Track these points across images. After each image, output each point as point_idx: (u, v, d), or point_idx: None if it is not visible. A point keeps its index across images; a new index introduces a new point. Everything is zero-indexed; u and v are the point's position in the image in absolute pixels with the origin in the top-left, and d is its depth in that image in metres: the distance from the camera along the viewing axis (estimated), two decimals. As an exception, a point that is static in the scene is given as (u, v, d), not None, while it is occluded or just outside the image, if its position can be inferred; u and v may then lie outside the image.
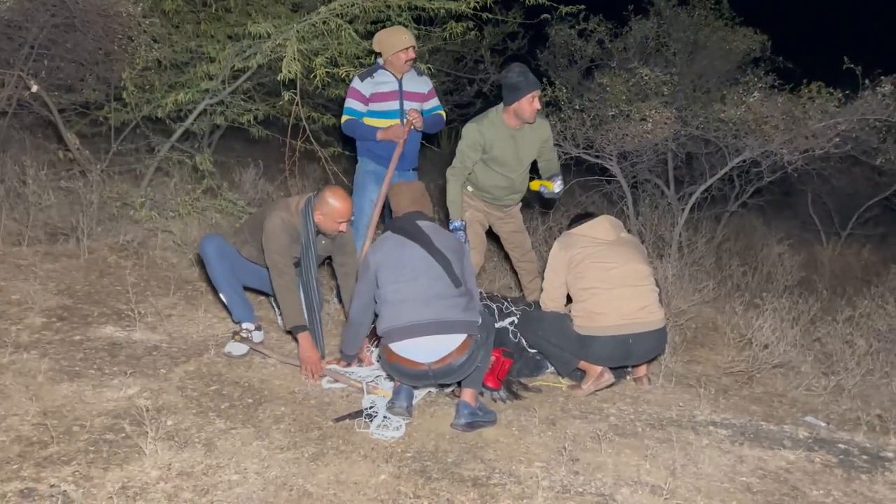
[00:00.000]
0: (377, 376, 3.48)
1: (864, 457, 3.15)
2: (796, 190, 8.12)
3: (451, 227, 4.04)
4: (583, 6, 5.90)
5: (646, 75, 5.69)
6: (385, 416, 3.06)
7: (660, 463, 2.91)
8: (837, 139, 5.27)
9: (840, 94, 5.15)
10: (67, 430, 2.72)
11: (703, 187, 6.06)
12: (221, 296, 3.74)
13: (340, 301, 4.16)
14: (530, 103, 3.99)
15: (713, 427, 3.32)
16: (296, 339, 3.57)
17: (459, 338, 3.01)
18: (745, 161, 5.74)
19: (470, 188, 4.33)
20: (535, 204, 6.36)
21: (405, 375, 3.08)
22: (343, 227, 3.63)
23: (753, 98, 5.29)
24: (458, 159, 4.15)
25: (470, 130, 4.10)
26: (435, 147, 7.76)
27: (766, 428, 3.38)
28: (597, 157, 5.94)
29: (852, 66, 5.08)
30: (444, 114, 4.67)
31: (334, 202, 3.57)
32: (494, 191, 4.28)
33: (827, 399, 4.00)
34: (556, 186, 4.28)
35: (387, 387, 3.34)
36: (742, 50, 6.62)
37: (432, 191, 3.65)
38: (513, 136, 4.12)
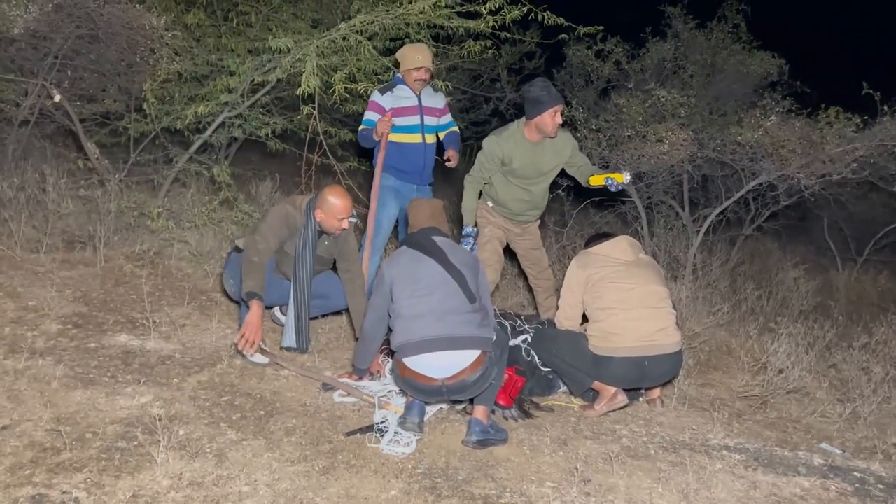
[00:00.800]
0: (389, 391, 3.47)
1: (881, 486, 3.10)
2: (812, 215, 8.08)
3: (462, 233, 4.07)
4: (601, 27, 5.92)
5: (662, 97, 5.69)
6: (396, 432, 3.05)
7: (672, 486, 2.88)
8: (855, 164, 5.24)
9: (858, 120, 5.13)
10: (80, 437, 2.73)
11: (718, 210, 6.04)
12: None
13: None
14: (552, 117, 4.01)
15: (727, 451, 3.28)
16: (248, 307, 3.60)
17: (473, 354, 3.00)
18: (761, 184, 5.72)
19: (490, 203, 4.35)
20: (550, 222, 6.36)
21: (418, 391, 3.07)
22: (345, 223, 3.70)
23: (771, 122, 5.29)
24: (475, 168, 4.23)
25: (489, 143, 4.17)
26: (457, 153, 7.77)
27: (780, 454, 3.34)
28: (612, 177, 5.93)
29: (871, 91, 5.06)
30: (457, 129, 4.73)
31: (334, 199, 3.65)
32: (514, 205, 4.29)
33: (842, 426, 3.94)
34: (626, 177, 4.02)
35: (399, 402, 3.33)
36: (759, 74, 6.62)
37: (447, 208, 3.67)
38: (533, 150, 4.14)
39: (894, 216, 7.49)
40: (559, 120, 4.05)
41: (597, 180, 4.13)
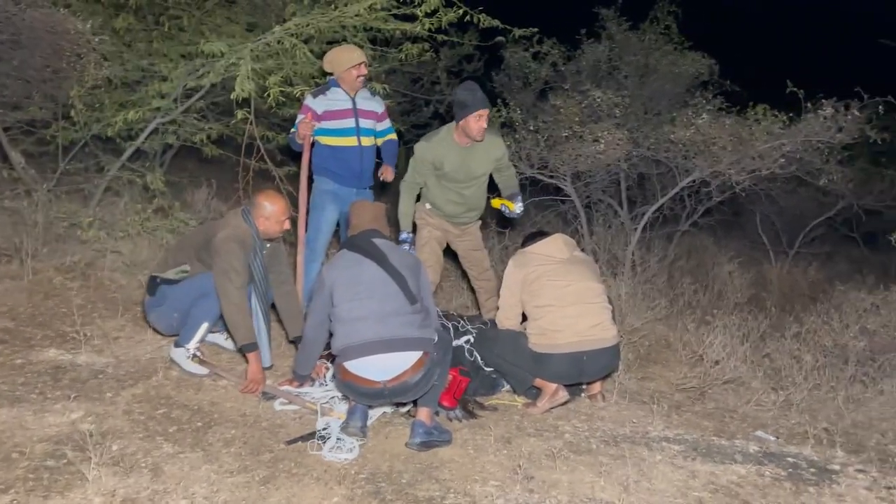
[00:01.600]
0: (332, 398, 3.43)
1: (812, 470, 3.21)
2: (745, 210, 8.32)
3: (399, 239, 4.08)
4: (536, 29, 5.99)
5: (598, 97, 5.79)
6: (339, 438, 3.02)
7: (614, 479, 2.92)
8: (783, 160, 5.42)
9: (784, 117, 5.31)
10: (6, 458, 2.62)
11: (654, 207, 6.17)
12: (203, 325, 3.61)
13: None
14: (476, 121, 4.03)
15: (666, 443, 3.35)
16: (244, 356, 3.52)
17: (415, 355, 3.00)
18: (694, 181, 5.87)
19: (428, 205, 4.36)
20: (492, 223, 6.39)
21: (360, 394, 3.05)
22: (287, 224, 3.69)
23: (702, 120, 5.43)
24: (409, 173, 4.28)
25: (420, 148, 4.20)
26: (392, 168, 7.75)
27: (717, 443, 3.42)
28: (551, 177, 6.02)
29: (795, 89, 5.24)
30: (395, 136, 4.67)
31: (272, 204, 3.63)
32: (449, 207, 4.31)
33: (776, 414, 4.07)
34: (517, 207, 4.30)
35: (342, 408, 3.30)
36: (691, 73, 6.80)
37: (389, 211, 3.66)
38: (463, 154, 4.16)
39: (822, 209, 7.77)
40: (483, 124, 4.06)
41: (495, 203, 4.38)
